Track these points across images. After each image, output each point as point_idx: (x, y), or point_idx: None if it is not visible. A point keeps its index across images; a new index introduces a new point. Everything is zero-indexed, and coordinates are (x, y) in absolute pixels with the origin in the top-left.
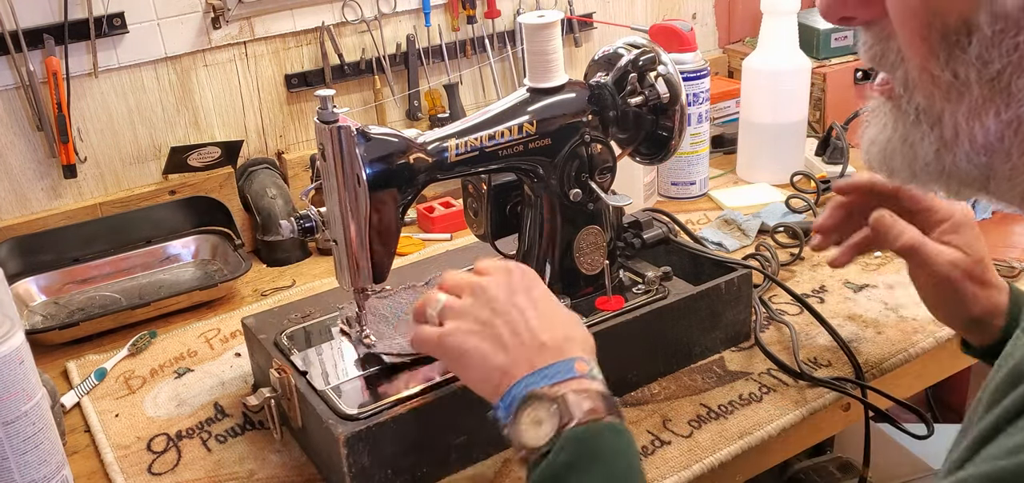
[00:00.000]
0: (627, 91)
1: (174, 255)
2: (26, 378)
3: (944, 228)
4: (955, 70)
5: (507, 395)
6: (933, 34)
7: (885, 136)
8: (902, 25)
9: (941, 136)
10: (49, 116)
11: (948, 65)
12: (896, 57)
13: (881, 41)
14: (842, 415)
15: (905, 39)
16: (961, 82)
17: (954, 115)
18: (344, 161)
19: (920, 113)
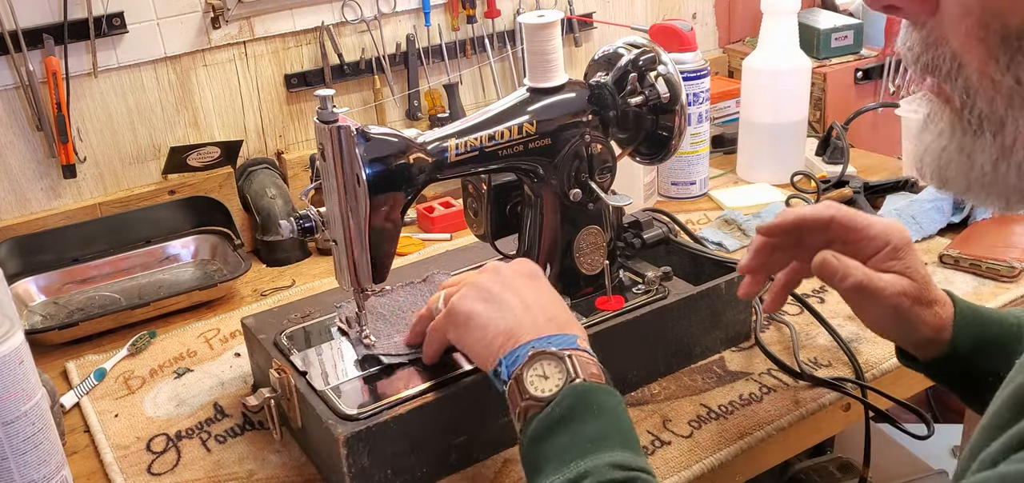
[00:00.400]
0: (627, 91)
1: (174, 255)
2: (26, 378)
3: (883, 254)
4: (1018, 75)
5: (511, 353)
6: (991, 36)
7: (940, 145)
8: (957, 26)
9: (1002, 144)
10: (48, 116)
11: (1009, 69)
12: (952, 64)
13: (932, 47)
14: (842, 415)
15: (960, 41)
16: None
17: (1016, 122)
18: (344, 161)
19: (983, 120)
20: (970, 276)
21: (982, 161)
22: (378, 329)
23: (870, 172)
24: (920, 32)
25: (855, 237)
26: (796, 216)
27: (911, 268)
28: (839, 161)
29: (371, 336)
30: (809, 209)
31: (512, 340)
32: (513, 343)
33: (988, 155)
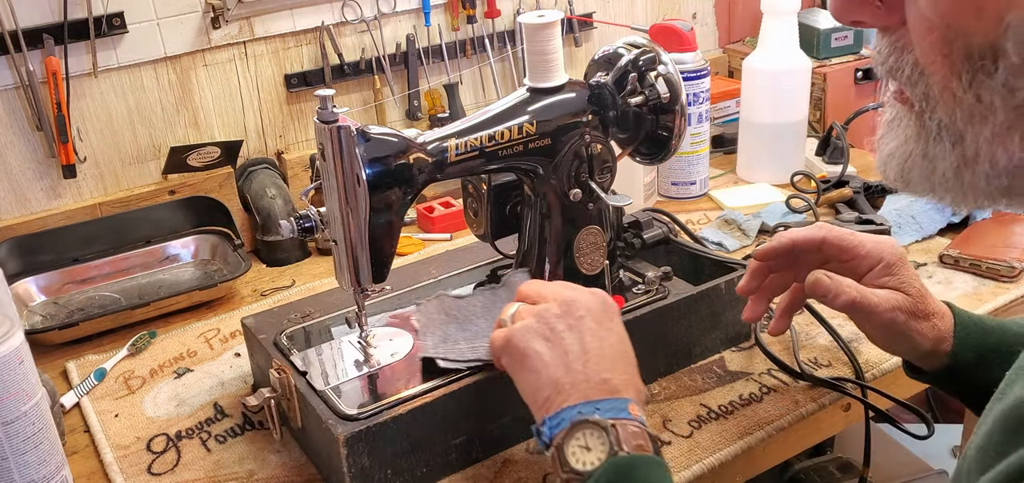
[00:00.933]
0: (627, 91)
1: (174, 255)
2: (26, 378)
3: (877, 271)
4: (979, 93)
5: (557, 415)
6: (955, 53)
7: (906, 150)
8: (921, 39)
9: (962, 154)
10: (48, 116)
11: (971, 87)
12: (914, 71)
13: (896, 52)
14: (842, 415)
15: (925, 54)
16: (985, 105)
17: (976, 137)
18: (344, 161)
19: (942, 129)
20: (970, 276)
21: (943, 167)
22: (447, 332)
23: (870, 172)
24: (888, 38)
25: (848, 256)
26: (790, 239)
27: (905, 283)
28: (839, 161)
29: (428, 338)
30: (802, 231)
31: (561, 397)
32: (560, 402)
33: (949, 162)
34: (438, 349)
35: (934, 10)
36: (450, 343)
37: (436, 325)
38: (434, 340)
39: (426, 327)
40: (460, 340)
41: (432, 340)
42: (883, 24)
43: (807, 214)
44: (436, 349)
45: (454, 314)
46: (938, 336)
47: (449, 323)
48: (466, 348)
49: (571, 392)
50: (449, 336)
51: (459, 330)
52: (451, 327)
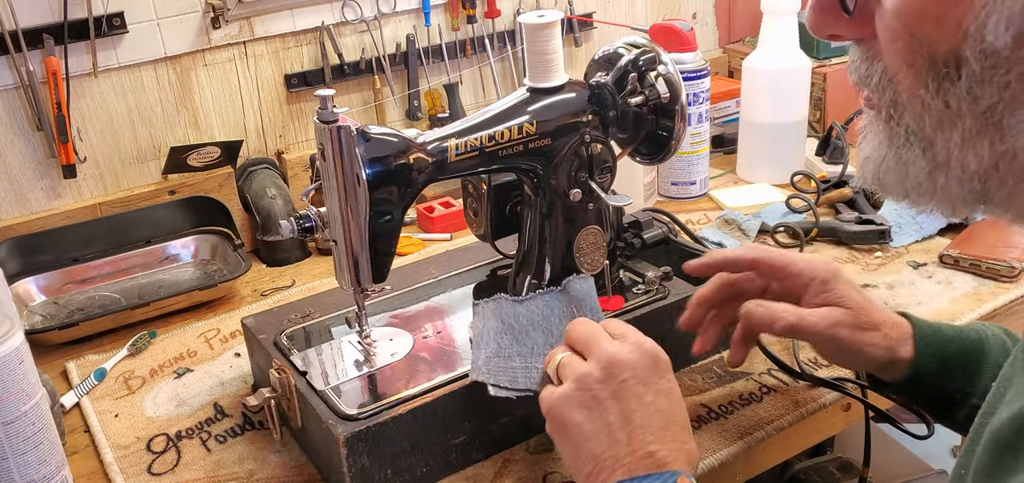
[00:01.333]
0: (627, 91)
1: (174, 255)
2: (26, 378)
3: (814, 289)
4: (946, 100)
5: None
6: (920, 61)
7: (880, 154)
8: (888, 48)
9: (933, 159)
10: (49, 116)
11: (938, 94)
12: (883, 79)
13: (867, 61)
14: (842, 415)
15: (893, 63)
16: (953, 111)
17: (946, 142)
18: (344, 161)
19: (911, 134)
20: (970, 276)
21: (915, 171)
22: (501, 344)
23: None
24: (861, 48)
25: (782, 275)
26: (721, 258)
27: (843, 297)
28: (839, 161)
29: (482, 358)
30: (732, 252)
31: (603, 474)
32: (603, 479)
33: (921, 167)
34: (491, 364)
35: (898, 20)
36: (503, 359)
37: (491, 335)
38: (487, 353)
39: (481, 336)
40: (514, 356)
41: (485, 353)
42: (856, 36)
43: (807, 214)
44: (487, 365)
45: (511, 322)
46: (890, 345)
47: (504, 333)
48: (520, 369)
49: (615, 468)
50: (503, 349)
51: (514, 344)
52: (506, 338)
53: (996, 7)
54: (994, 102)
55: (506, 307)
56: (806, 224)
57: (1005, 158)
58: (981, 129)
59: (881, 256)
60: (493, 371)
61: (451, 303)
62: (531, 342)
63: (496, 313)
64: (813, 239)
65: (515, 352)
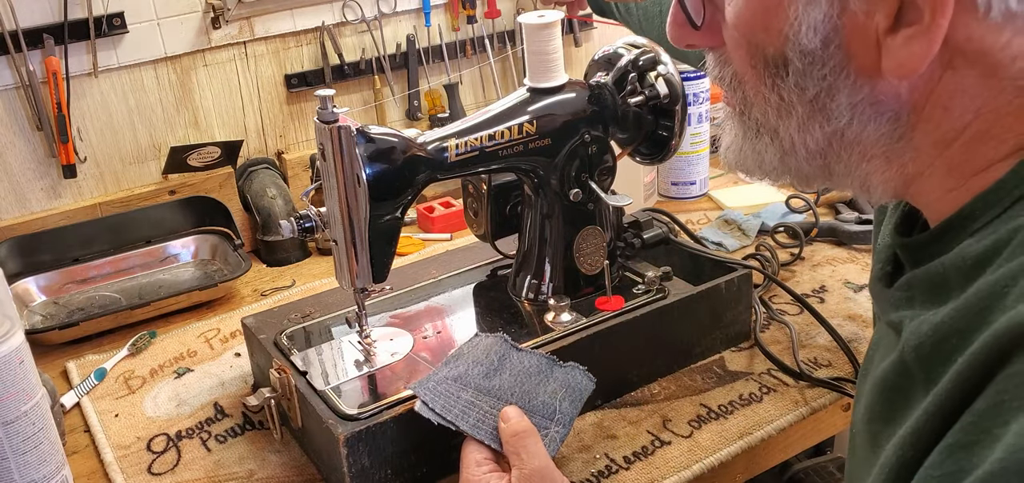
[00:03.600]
0: (627, 91)
1: (174, 255)
2: (26, 378)
3: None
4: (780, 93)
5: None
6: (758, 63)
7: (737, 145)
8: (734, 54)
9: (780, 146)
10: (49, 116)
11: (774, 89)
12: (734, 80)
13: (720, 65)
14: (842, 415)
15: (739, 66)
16: (787, 103)
17: (788, 129)
18: (344, 161)
19: (760, 127)
20: None
21: (769, 157)
22: (469, 375)
23: None
24: (715, 55)
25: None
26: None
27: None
28: None
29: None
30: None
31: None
32: None
33: (772, 153)
34: (440, 386)
35: (737, 30)
36: (457, 386)
37: (467, 363)
38: (447, 374)
39: (457, 359)
40: (470, 390)
41: (445, 373)
42: (710, 45)
43: (807, 214)
44: (436, 385)
45: (494, 362)
46: None
47: (479, 365)
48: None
49: None
50: (463, 378)
51: (482, 379)
52: (477, 370)
53: (804, 17)
54: (817, 92)
55: (500, 347)
56: (806, 224)
57: (835, 137)
58: (811, 115)
59: None
60: (436, 391)
61: (451, 303)
62: (498, 392)
63: (488, 350)
64: (813, 239)
65: (474, 388)
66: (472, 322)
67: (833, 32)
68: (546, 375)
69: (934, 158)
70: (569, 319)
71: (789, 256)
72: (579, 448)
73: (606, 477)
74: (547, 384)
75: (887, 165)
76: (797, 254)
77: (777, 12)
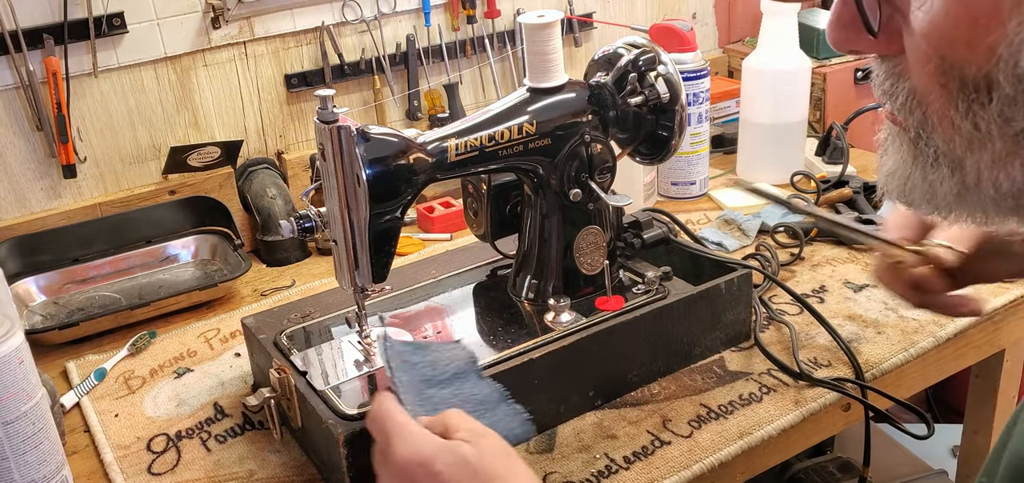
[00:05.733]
0: (627, 91)
1: (174, 255)
2: (26, 378)
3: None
4: (976, 122)
5: None
6: (951, 83)
7: (905, 171)
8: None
9: (962, 181)
10: (49, 116)
11: (968, 116)
12: (910, 98)
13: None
14: (842, 415)
15: (923, 83)
16: (983, 134)
17: (977, 163)
18: (344, 161)
19: (939, 155)
20: None
21: (944, 191)
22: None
23: (870, 172)
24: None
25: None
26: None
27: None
28: (839, 161)
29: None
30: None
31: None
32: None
33: (949, 187)
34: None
35: (928, 43)
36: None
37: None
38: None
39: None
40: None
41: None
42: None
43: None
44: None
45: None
46: None
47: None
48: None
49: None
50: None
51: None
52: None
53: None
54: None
55: (463, 365)
56: (806, 224)
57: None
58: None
59: None
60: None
61: (451, 303)
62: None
63: (450, 361)
64: (813, 239)
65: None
66: (472, 322)
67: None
68: (491, 408)
69: None
70: (569, 319)
71: (789, 256)
72: (579, 448)
73: (606, 477)
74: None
75: None
76: (797, 254)
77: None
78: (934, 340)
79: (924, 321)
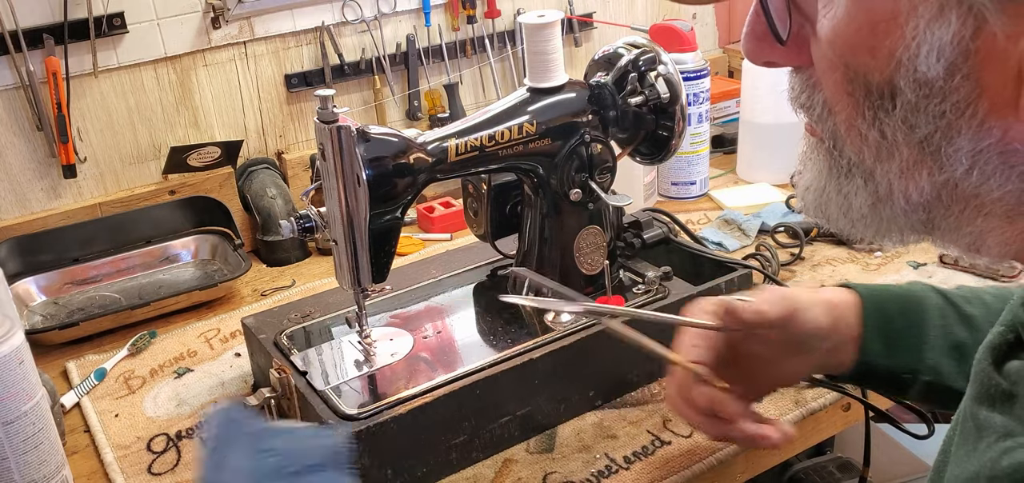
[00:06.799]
0: (627, 91)
1: (174, 255)
2: (26, 378)
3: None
4: (882, 130)
5: None
6: (857, 91)
7: (820, 184)
8: (827, 78)
9: (875, 191)
10: (49, 116)
11: (875, 124)
12: (823, 109)
13: (807, 89)
14: (842, 415)
15: (831, 92)
16: (889, 142)
17: (887, 173)
18: (344, 161)
19: (852, 167)
20: (969, 276)
21: (858, 203)
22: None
23: None
24: (801, 76)
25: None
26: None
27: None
28: None
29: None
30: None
31: None
32: None
33: (863, 198)
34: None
35: (833, 50)
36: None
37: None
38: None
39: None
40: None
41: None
42: (792, 63)
43: None
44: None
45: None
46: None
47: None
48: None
49: None
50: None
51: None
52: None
53: (926, 38)
54: (930, 131)
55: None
56: (806, 224)
57: (946, 188)
58: (918, 159)
59: (881, 256)
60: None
61: (451, 303)
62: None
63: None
64: (813, 239)
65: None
66: (472, 322)
67: (961, 58)
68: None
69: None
70: (569, 319)
71: (789, 256)
72: (579, 448)
73: (606, 477)
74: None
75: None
76: (797, 254)
77: (889, 29)
78: None
79: None
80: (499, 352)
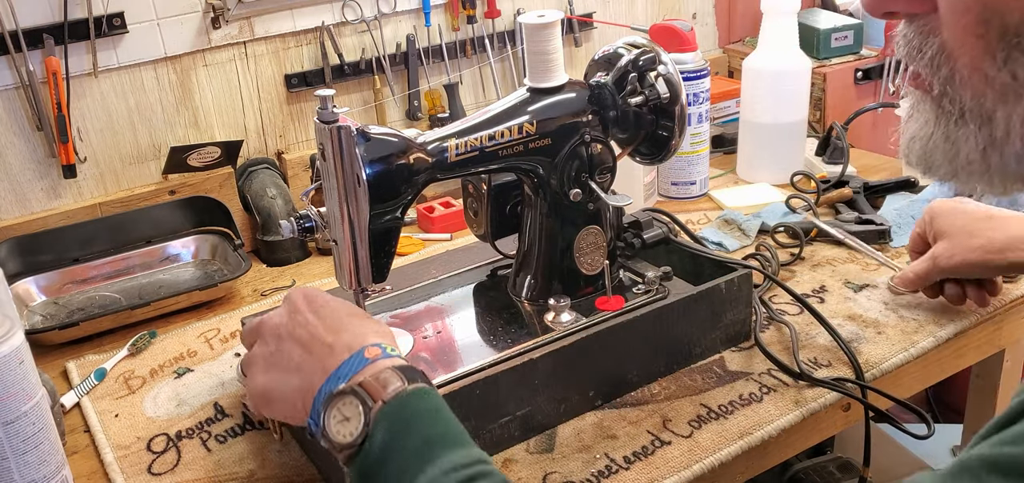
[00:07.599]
0: (627, 91)
1: (174, 255)
2: (26, 378)
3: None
4: (1014, 71)
5: (312, 409)
6: (991, 32)
7: (926, 133)
8: (956, 22)
9: (990, 135)
10: (49, 116)
11: (1007, 65)
12: (939, 54)
13: (922, 35)
14: (842, 415)
15: (957, 36)
16: (1020, 83)
17: (1008, 116)
18: (344, 161)
19: (965, 112)
20: None
21: (967, 149)
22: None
23: (870, 172)
24: (915, 24)
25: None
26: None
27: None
28: (839, 161)
29: None
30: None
31: (308, 394)
32: (310, 396)
33: (974, 143)
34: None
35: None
36: None
37: None
38: None
39: None
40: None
41: None
42: (915, 11)
43: (807, 214)
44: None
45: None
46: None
47: None
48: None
49: (314, 381)
50: None
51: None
52: None
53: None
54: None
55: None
56: (806, 224)
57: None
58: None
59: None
60: None
61: (451, 303)
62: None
63: None
64: (813, 239)
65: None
66: (472, 322)
67: None
68: None
69: None
70: (569, 319)
71: (789, 256)
72: (579, 448)
73: (606, 477)
74: None
75: None
76: (797, 254)
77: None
78: (934, 340)
79: (924, 321)
80: (499, 352)
